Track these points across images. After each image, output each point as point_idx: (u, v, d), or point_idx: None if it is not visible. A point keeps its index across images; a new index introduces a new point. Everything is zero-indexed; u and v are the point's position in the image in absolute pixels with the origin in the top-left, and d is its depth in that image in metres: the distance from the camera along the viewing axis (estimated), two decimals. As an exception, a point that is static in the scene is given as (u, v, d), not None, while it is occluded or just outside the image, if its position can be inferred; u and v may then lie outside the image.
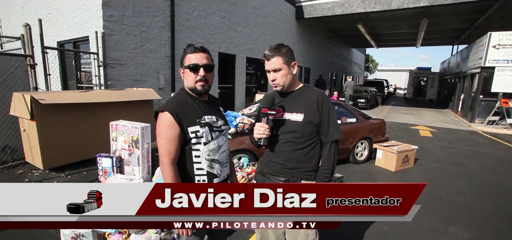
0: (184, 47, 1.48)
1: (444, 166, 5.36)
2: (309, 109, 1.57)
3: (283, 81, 1.57)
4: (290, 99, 1.63)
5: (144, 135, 3.37)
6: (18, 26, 7.80)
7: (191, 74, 1.40)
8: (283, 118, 1.61)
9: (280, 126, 1.62)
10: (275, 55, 1.53)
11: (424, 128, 9.95)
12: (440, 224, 3.08)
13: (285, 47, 1.57)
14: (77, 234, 2.20)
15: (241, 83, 10.40)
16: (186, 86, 1.47)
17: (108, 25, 5.79)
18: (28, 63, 4.36)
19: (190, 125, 1.39)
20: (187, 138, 1.40)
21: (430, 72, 24.92)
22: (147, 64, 6.76)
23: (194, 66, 1.39)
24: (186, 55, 1.42)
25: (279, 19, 12.27)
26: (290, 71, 1.57)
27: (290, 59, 1.56)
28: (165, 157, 1.35)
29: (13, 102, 3.98)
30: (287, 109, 1.61)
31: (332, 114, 1.60)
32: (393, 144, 5.38)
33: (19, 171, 4.07)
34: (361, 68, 34.73)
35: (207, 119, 1.44)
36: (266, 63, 1.58)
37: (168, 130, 1.36)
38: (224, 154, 1.54)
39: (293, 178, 1.62)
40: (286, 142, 1.60)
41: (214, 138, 1.46)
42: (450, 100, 17.37)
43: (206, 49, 1.45)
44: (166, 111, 1.37)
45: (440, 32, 17.85)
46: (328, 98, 1.65)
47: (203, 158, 1.44)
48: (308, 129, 1.57)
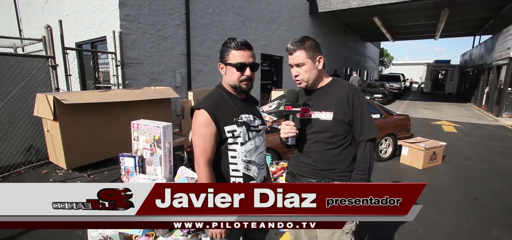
0: (199, 43, 1.38)
1: (475, 163, 5.08)
2: (339, 106, 1.43)
3: (306, 77, 1.45)
4: (318, 96, 1.50)
5: (166, 134, 3.31)
6: (38, 29, 7.98)
7: (236, 72, 1.32)
8: (311, 117, 1.48)
9: (309, 126, 1.50)
10: (298, 49, 1.42)
11: (447, 123, 9.55)
12: (480, 227, 2.88)
13: (310, 40, 1.45)
14: (105, 236, 2.16)
15: (256, 80, 10.24)
16: (226, 83, 1.39)
17: (125, 24, 5.79)
18: (49, 64, 4.40)
19: (227, 124, 1.32)
20: (223, 137, 1.33)
21: (450, 65, 23.97)
22: (163, 62, 6.75)
23: (241, 65, 1.31)
24: (230, 51, 1.32)
25: (293, 14, 12.06)
26: (315, 66, 1.44)
27: (315, 53, 1.43)
28: (200, 157, 1.29)
29: (37, 103, 4.02)
30: (315, 108, 1.49)
31: (365, 109, 1.45)
32: (419, 140, 5.14)
33: (43, 171, 4.12)
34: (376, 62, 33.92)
35: (245, 118, 1.36)
36: (289, 58, 1.47)
37: (204, 129, 1.29)
38: (261, 156, 1.45)
39: (325, 179, 1.50)
40: (316, 141, 1.48)
41: (251, 138, 1.38)
42: (472, 94, 16.66)
43: (251, 46, 1.36)
44: (203, 109, 1.30)
45: (461, 23, 17.10)
46: (361, 92, 1.50)
47: (239, 159, 1.36)
48: (339, 128, 1.44)
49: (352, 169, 1.50)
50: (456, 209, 3.26)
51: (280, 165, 3.38)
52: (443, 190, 3.82)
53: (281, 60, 11.90)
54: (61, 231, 2.65)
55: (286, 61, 12.12)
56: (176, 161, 3.67)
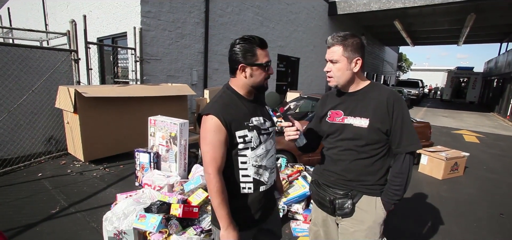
0: (216, 42, 1.35)
1: (501, 176, 4.82)
2: (376, 113, 1.32)
3: (338, 76, 1.35)
4: (353, 100, 1.39)
5: (182, 131, 3.32)
6: (62, 24, 8.25)
7: (264, 73, 1.28)
8: (344, 122, 1.38)
9: (340, 131, 1.40)
10: (336, 44, 1.33)
11: (468, 132, 9.15)
12: (508, 245, 2.71)
13: (354, 38, 1.33)
14: (119, 231, 2.18)
15: (272, 81, 10.22)
16: (239, 85, 1.31)
17: (146, 20, 5.88)
18: (72, 57, 4.52)
19: (237, 129, 1.24)
20: (234, 142, 1.25)
21: (472, 72, 22.98)
22: (181, 60, 6.81)
23: (268, 64, 1.28)
24: (256, 50, 1.25)
25: (311, 15, 11.90)
26: (350, 67, 1.33)
27: (354, 53, 1.32)
28: (210, 166, 1.21)
29: (59, 95, 4.14)
30: (348, 112, 1.38)
31: (406, 119, 1.33)
32: (440, 149, 4.93)
33: (62, 161, 4.23)
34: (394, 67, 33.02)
35: (255, 121, 1.29)
36: (327, 51, 1.37)
37: (214, 135, 1.21)
38: (272, 159, 1.38)
39: (353, 191, 1.39)
40: (347, 149, 1.38)
41: (262, 142, 1.30)
42: (496, 103, 15.90)
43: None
44: (212, 114, 1.22)
45: (489, 28, 16.28)
46: (403, 99, 1.37)
47: (249, 164, 1.29)
48: (375, 137, 1.33)
49: (384, 182, 1.40)
50: (480, 224, 3.09)
51: (296, 168, 3.32)
52: (466, 203, 3.63)
53: (298, 62, 11.78)
54: (77, 223, 2.70)
55: (302, 62, 11.98)
56: (190, 159, 3.68)
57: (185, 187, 2.80)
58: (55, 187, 3.39)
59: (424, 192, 3.92)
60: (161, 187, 2.90)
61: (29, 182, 3.52)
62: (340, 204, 1.40)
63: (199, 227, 2.32)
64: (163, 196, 2.58)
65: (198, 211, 2.38)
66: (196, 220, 2.38)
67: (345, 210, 1.40)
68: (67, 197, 3.17)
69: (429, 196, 3.79)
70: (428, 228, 2.95)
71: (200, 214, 2.42)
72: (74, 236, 2.49)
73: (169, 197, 2.57)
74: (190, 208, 2.34)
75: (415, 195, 3.82)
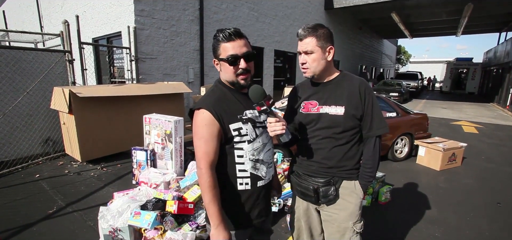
0: (212, 39, 1.27)
1: (499, 166, 4.82)
2: (350, 100, 1.37)
3: (314, 67, 1.37)
4: (327, 90, 1.43)
5: (177, 129, 3.32)
6: (57, 25, 8.21)
7: (230, 67, 1.21)
8: (319, 112, 1.41)
9: (315, 121, 1.42)
10: (309, 36, 1.34)
11: (467, 123, 9.14)
12: (505, 234, 2.71)
13: (323, 28, 1.37)
14: (114, 228, 2.18)
15: (269, 77, 10.21)
16: (224, 79, 1.28)
17: (140, 19, 5.86)
18: (67, 58, 4.51)
19: (231, 122, 1.21)
20: (229, 136, 1.22)
21: (471, 63, 22.91)
22: (176, 58, 6.80)
23: (232, 58, 1.19)
24: (220, 44, 1.20)
25: (307, 9, 11.85)
26: (324, 56, 1.36)
27: (326, 42, 1.35)
28: (202, 161, 1.18)
29: (54, 96, 4.13)
30: (323, 102, 1.41)
31: (375, 105, 1.41)
32: (437, 141, 4.92)
33: (60, 162, 4.24)
34: (393, 60, 32.96)
35: (249, 114, 1.26)
36: (299, 44, 1.39)
37: (206, 129, 1.18)
38: (269, 153, 1.35)
39: (334, 178, 1.43)
40: (324, 138, 1.41)
41: (258, 135, 1.28)
42: (495, 93, 15.87)
43: (243, 34, 1.23)
44: (203, 108, 1.19)
45: (487, 18, 16.23)
46: (370, 86, 1.45)
47: (246, 158, 1.25)
48: (350, 123, 1.39)
49: (359, 166, 1.46)
50: (477, 213, 3.09)
51: (291, 162, 3.32)
52: (463, 193, 3.63)
53: (295, 57, 11.75)
54: (74, 222, 2.71)
55: (299, 57, 11.94)
56: (187, 156, 3.67)
57: (181, 184, 2.80)
58: (52, 188, 3.40)
59: (422, 183, 3.92)
60: (157, 184, 2.90)
61: (26, 183, 3.53)
62: (324, 191, 1.43)
63: (195, 223, 2.32)
64: (158, 193, 2.59)
65: (193, 208, 2.38)
66: (191, 216, 2.38)
67: (329, 197, 1.44)
68: (64, 197, 3.18)
69: (426, 187, 3.80)
70: (425, 218, 2.95)
71: (196, 210, 2.43)
72: (71, 235, 2.50)
73: (164, 194, 2.57)
74: (185, 205, 2.34)
75: (413, 186, 3.82)
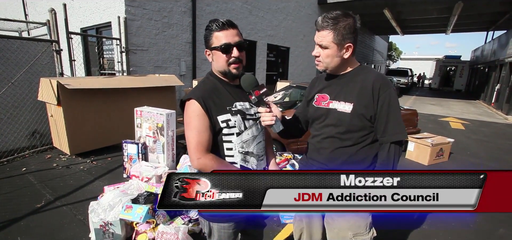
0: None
1: (483, 161, 4.97)
2: (360, 97, 1.23)
3: (326, 62, 1.26)
4: (339, 84, 1.31)
5: (169, 122, 3.28)
6: (43, 13, 7.93)
7: (223, 55, 1.20)
8: (329, 107, 1.31)
9: (323, 117, 1.34)
10: (326, 28, 1.21)
11: (454, 120, 9.37)
12: (488, 226, 2.81)
13: (347, 20, 1.21)
14: (105, 222, 2.15)
15: (262, 71, 10.18)
16: (215, 70, 1.28)
17: (130, 9, 5.72)
18: (54, 48, 4.37)
19: (219, 114, 1.21)
20: (218, 128, 1.22)
21: (460, 61, 23.46)
22: (168, 50, 6.69)
23: (225, 46, 1.19)
24: (213, 33, 1.21)
25: (301, 4, 11.82)
26: (340, 53, 1.23)
27: (344, 39, 1.21)
28: (196, 151, 1.17)
29: (41, 87, 4.01)
30: (333, 96, 1.30)
31: (393, 105, 1.22)
32: (426, 136, 5.03)
33: (47, 156, 4.14)
34: (384, 56, 33.31)
35: (239, 106, 1.26)
36: (316, 34, 1.26)
37: (198, 120, 1.18)
38: (260, 146, 1.34)
39: None
40: (328, 137, 1.32)
41: (248, 127, 1.27)
42: (482, 91, 16.30)
43: (235, 24, 1.23)
44: (193, 99, 1.19)
45: (476, 17, 16.53)
46: (391, 84, 1.26)
47: (236, 151, 1.26)
48: (357, 123, 1.25)
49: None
50: (462, 207, 3.18)
51: (284, 156, 3.34)
52: (450, 187, 3.74)
53: (288, 51, 11.74)
54: (63, 216, 2.66)
55: (292, 52, 11.94)
56: (179, 149, 3.65)
57: (172, 178, 2.78)
58: (40, 182, 3.32)
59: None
60: (149, 178, 2.87)
61: (12, 177, 3.43)
62: None
63: (187, 216, 2.31)
64: (150, 186, 2.56)
65: (185, 201, 2.37)
66: (184, 210, 2.37)
67: None
68: (53, 191, 3.11)
69: (414, 181, 3.88)
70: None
71: (188, 204, 2.42)
72: (60, 229, 2.45)
73: (156, 188, 2.55)
74: (178, 198, 2.33)
75: (401, 180, 3.90)
